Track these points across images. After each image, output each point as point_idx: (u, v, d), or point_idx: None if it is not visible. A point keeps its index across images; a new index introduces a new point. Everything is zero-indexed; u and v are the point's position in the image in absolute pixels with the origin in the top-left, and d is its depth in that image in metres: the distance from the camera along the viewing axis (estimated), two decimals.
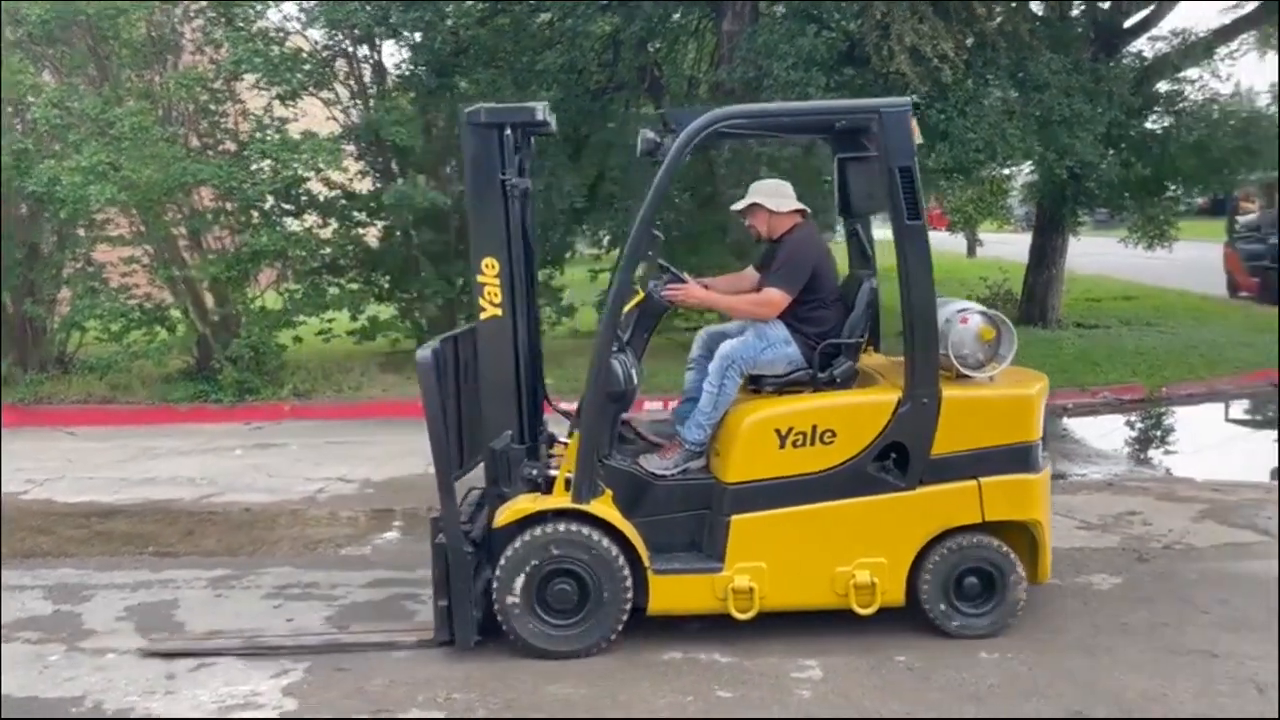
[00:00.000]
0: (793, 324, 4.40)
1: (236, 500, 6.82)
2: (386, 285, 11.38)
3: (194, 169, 9.40)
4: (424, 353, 4.10)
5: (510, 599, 4.13)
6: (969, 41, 9.96)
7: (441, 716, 3.72)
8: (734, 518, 4.18)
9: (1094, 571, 5.12)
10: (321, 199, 10.86)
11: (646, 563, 4.18)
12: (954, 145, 9.47)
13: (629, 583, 4.15)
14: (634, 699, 3.83)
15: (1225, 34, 12.87)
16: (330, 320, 10.94)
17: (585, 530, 4.15)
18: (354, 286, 11.11)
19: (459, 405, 4.40)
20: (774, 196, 4.55)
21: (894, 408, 4.17)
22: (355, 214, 11.06)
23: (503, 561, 4.14)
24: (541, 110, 4.30)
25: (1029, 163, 13.11)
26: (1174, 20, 13.54)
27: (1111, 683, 3.88)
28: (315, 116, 10.96)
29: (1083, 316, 13.85)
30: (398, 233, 11.03)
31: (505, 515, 4.18)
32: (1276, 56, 14.37)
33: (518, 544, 4.15)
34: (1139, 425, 9.26)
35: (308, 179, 10.34)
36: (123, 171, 8.99)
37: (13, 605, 4.88)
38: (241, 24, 10.21)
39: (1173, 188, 13.25)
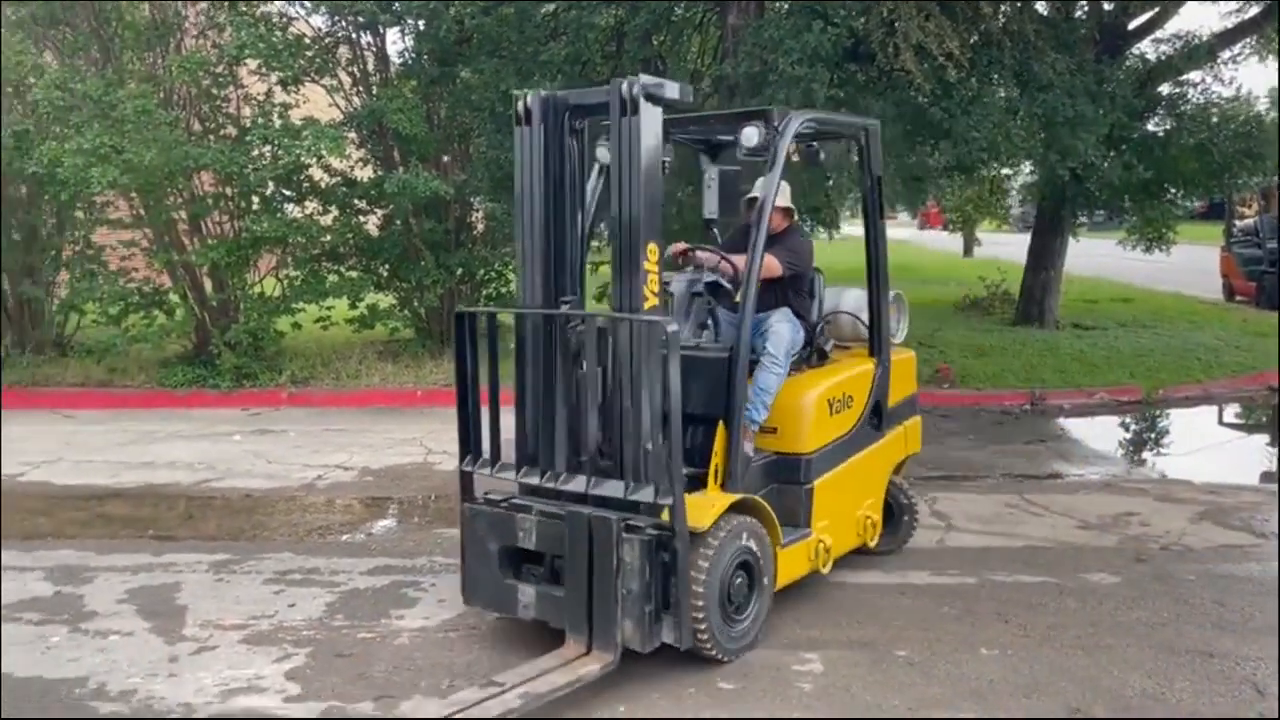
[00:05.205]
0: (797, 311, 4.98)
1: (235, 486, 6.82)
2: (385, 274, 11.36)
3: (195, 153, 9.38)
4: (675, 326, 3.83)
5: (713, 603, 3.92)
6: (974, 40, 9.95)
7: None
8: (816, 483, 4.63)
9: (1093, 570, 5.14)
10: (322, 186, 10.85)
11: (779, 539, 4.32)
12: (957, 144, 9.46)
13: (774, 565, 4.28)
14: (630, 694, 3.83)
15: (1228, 38, 12.90)
16: (329, 308, 10.91)
17: (754, 520, 4.19)
18: (353, 274, 11.08)
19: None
20: (782, 195, 4.97)
21: (874, 372, 5.05)
22: (356, 202, 11.04)
23: (704, 564, 3.88)
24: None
25: (1028, 163, 13.14)
26: (1178, 23, 13.58)
27: (1111, 681, 3.90)
28: (317, 103, 10.93)
29: (1080, 318, 13.84)
30: (398, 221, 11.01)
31: (709, 512, 3.96)
32: (1276, 61, 14.40)
33: (714, 541, 3.94)
34: (1135, 427, 9.30)
35: (309, 166, 10.31)
36: (124, 154, 8.95)
37: (14, 587, 4.87)
38: (244, 9, 10.19)
39: (1173, 191, 13.25)
